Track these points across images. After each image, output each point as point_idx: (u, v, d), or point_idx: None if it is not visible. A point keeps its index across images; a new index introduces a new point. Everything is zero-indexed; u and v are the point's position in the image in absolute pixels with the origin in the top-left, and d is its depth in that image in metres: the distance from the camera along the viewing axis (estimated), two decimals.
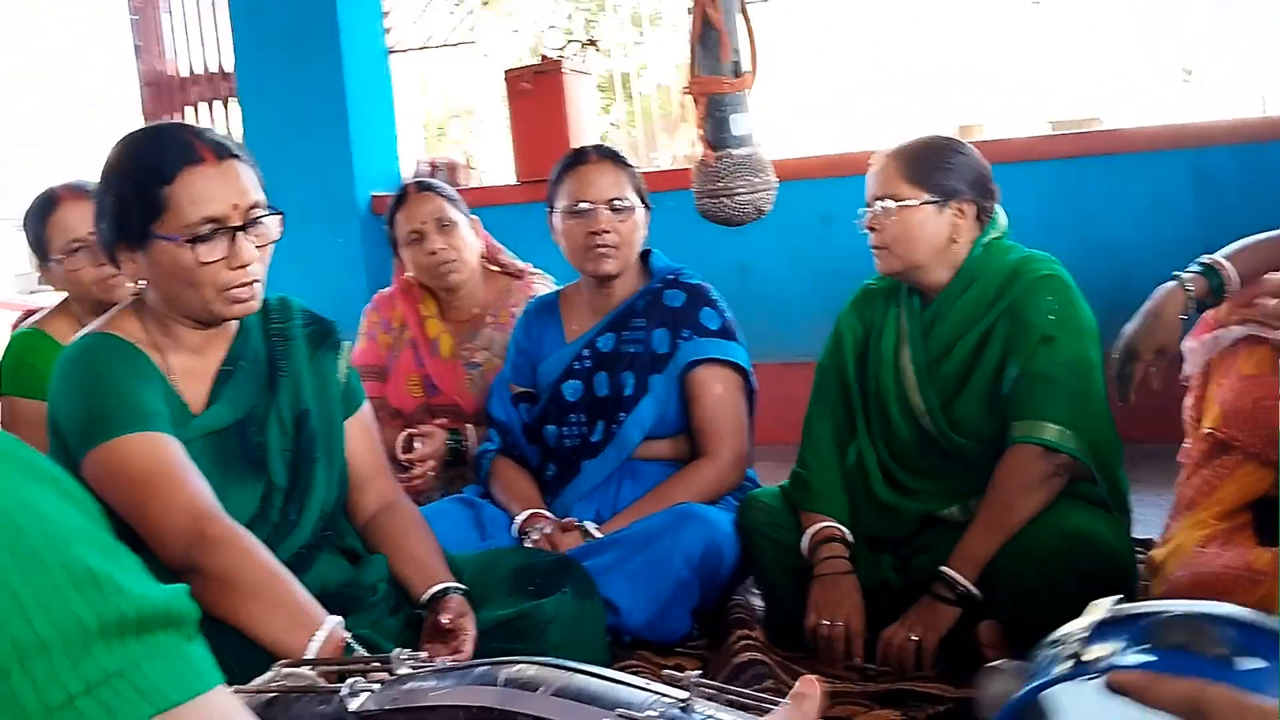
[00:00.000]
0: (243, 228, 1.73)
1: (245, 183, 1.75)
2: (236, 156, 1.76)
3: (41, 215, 2.55)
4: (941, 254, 2.25)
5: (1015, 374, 2.19)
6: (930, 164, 2.24)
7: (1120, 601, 0.90)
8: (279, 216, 1.79)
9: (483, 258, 3.01)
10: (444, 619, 1.80)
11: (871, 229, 2.26)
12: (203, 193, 1.70)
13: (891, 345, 2.34)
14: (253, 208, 1.75)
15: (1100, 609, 0.88)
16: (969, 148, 2.32)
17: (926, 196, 2.22)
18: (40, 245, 2.59)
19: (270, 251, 1.80)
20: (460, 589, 1.89)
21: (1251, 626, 0.85)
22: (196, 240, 1.70)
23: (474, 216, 3.00)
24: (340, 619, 1.64)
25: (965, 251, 2.26)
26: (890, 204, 2.22)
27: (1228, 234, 2.29)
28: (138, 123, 5.45)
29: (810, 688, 0.79)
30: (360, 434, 2.02)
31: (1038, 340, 2.17)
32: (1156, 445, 2.52)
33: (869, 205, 2.28)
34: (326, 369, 1.97)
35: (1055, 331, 2.17)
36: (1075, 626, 0.87)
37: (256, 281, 1.78)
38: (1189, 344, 2.23)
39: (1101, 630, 0.86)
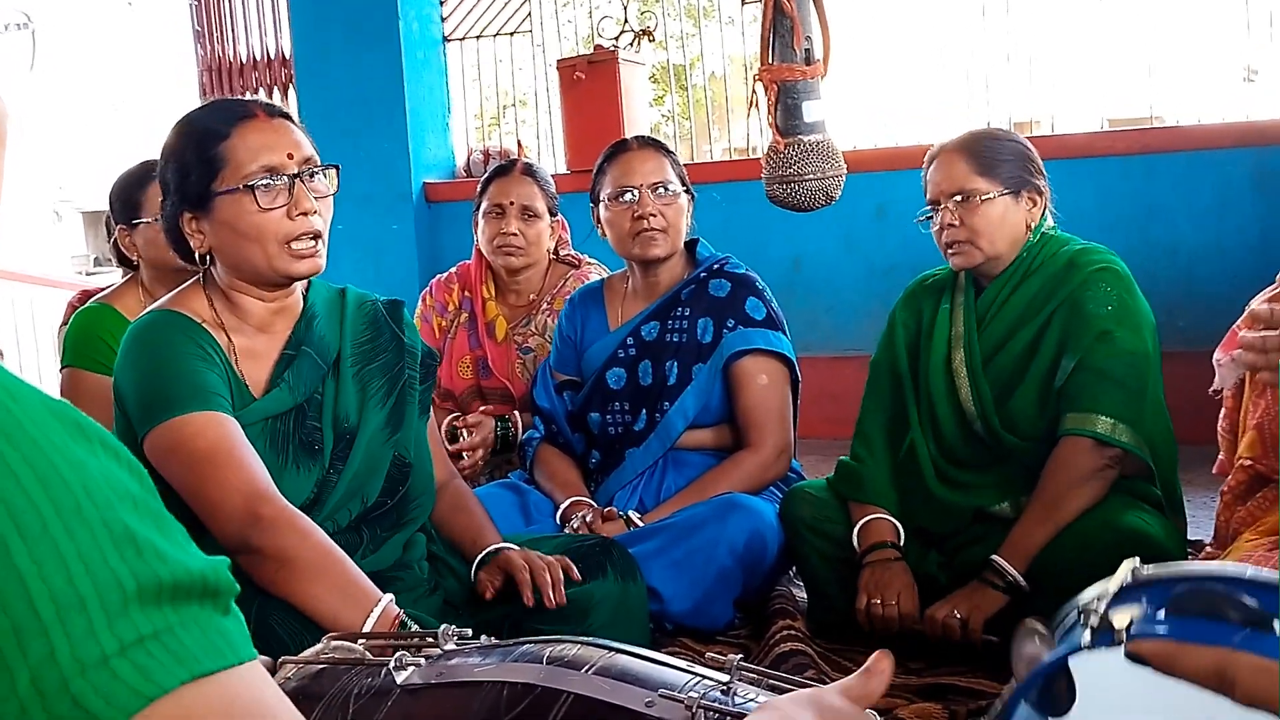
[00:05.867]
0: (299, 175, 1.78)
1: (298, 137, 1.82)
2: (287, 117, 1.85)
3: (142, 180, 2.56)
4: (1018, 242, 2.25)
5: (1070, 367, 2.17)
6: (998, 156, 2.23)
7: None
8: (335, 170, 1.86)
9: (548, 251, 3.04)
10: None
11: (949, 225, 2.23)
12: (258, 143, 1.77)
13: (944, 346, 2.33)
14: (308, 160, 1.81)
15: (1123, 573, 0.85)
16: (1016, 135, 2.32)
17: (1002, 188, 2.21)
18: (131, 208, 2.60)
19: (330, 208, 1.86)
20: (512, 547, 1.96)
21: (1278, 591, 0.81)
22: (256, 189, 1.76)
23: (561, 219, 3.03)
24: (392, 597, 1.68)
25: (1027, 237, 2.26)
26: (973, 198, 2.20)
27: None
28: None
29: (883, 664, 0.78)
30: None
31: (1096, 334, 2.15)
32: (1204, 447, 2.48)
33: (936, 203, 2.25)
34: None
35: (1113, 325, 2.15)
36: (1097, 590, 0.84)
37: (319, 237, 1.82)
38: (1219, 357, 2.18)
39: (1124, 595, 0.83)
